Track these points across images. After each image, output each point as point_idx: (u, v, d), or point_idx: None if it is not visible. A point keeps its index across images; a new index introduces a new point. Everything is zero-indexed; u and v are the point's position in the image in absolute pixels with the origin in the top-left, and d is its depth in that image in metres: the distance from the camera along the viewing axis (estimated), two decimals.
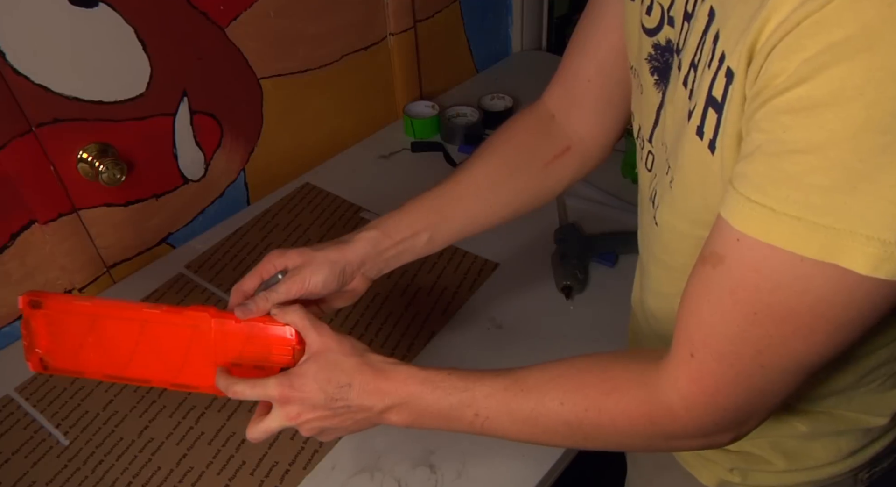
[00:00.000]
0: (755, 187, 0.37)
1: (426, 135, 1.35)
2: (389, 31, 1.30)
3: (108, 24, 0.91)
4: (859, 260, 0.34)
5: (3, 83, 0.84)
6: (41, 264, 0.98)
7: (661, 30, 0.51)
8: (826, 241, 0.35)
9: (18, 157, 0.89)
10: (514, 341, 0.94)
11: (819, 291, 0.37)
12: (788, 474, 0.62)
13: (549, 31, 1.66)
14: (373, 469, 0.79)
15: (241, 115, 1.13)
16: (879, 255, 0.34)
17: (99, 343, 0.64)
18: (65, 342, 0.64)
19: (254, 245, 1.12)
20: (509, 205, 0.69)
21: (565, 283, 0.98)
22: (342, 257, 0.65)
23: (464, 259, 1.06)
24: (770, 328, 0.40)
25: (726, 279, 0.41)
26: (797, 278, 0.37)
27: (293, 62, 1.17)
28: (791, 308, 0.38)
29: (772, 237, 0.37)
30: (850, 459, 0.61)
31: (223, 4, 1.02)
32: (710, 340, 0.43)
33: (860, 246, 0.34)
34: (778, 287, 0.38)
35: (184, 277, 1.07)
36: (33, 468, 0.82)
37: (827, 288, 0.36)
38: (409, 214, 0.67)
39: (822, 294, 0.37)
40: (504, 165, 0.69)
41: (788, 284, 0.37)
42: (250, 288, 0.66)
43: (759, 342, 0.40)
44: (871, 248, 0.34)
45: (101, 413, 0.88)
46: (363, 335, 0.95)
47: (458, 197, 0.68)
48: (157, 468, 0.81)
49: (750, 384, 0.43)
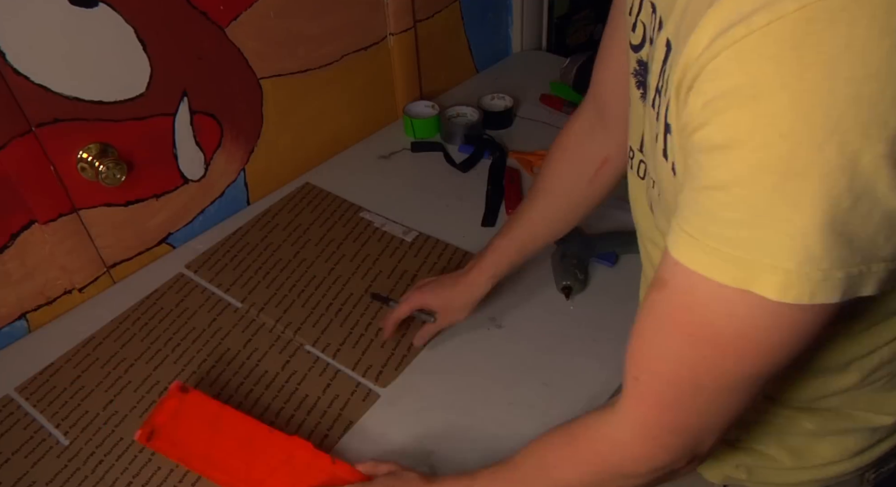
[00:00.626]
0: (684, 218, 0.40)
1: (426, 135, 1.35)
2: (389, 31, 1.30)
3: (108, 24, 0.90)
4: (768, 287, 0.37)
5: (3, 83, 0.84)
6: (41, 264, 0.98)
7: (643, 47, 0.52)
8: (739, 270, 0.37)
9: (18, 157, 0.88)
10: (514, 341, 0.94)
11: (742, 316, 0.39)
12: (795, 472, 0.62)
13: (549, 31, 1.66)
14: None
15: (241, 115, 1.13)
16: (783, 282, 0.36)
17: (207, 441, 0.77)
18: (178, 429, 0.78)
19: (254, 245, 1.12)
20: (569, 224, 0.84)
21: (565, 283, 0.98)
22: (473, 299, 0.88)
23: (464, 259, 1.06)
24: (704, 350, 0.42)
25: (667, 303, 0.43)
26: (722, 303, 0.39)
27: (293, 62, 1.17)
28: (720, 332, 0.41)
29: (697, 265, 0.39)
30: (857, 458, 0.61)
31: (223, 4, 1.02)
32: (653, 362, 0.46)
33: (767, 275, 0.37)
34: (708, 311, 0.41)
35: (184, 276, 1.07)
36: (33, 468, 0.82)
37: (748, 313, 0.39)
38: (503, 254, 0.85)
39: (745, 319, 0.39)
40: (555, 202, 0.82)
41: (716, 308, 0.40)
42: (401, 317, 0.89)
43: (696, 363, 0.43)
44: (776, 276, 0.36)
45: (100, 413, 0.88)
46: (363, 335, 0.95)
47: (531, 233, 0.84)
48: (157, 468, 0.81)
49: (691, 404, 0.45)
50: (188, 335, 0.97)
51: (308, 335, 0.95)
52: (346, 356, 0.92)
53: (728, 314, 0.40)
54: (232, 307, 1.01)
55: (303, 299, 1.01)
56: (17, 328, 0.99)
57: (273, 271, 1.06)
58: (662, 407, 0.47)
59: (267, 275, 1.05)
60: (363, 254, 1.08)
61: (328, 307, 0.99)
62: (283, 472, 0.75)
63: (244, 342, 0.96)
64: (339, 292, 1.02)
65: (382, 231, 1.12)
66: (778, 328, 0.39)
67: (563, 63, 1.45)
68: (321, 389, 0.88)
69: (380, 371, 0.90)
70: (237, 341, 0.96)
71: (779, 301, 0.37)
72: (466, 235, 1.10)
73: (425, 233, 1.11)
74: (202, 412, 0.80)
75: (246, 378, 0.90)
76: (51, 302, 1.01)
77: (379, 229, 1.13)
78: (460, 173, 1.25)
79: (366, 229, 1.13)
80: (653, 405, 0.47)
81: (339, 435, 0.83)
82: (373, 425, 0.84)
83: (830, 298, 0.36)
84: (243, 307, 1.01)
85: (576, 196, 0.80)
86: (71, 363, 0.94)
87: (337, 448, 0.82)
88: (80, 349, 0.96)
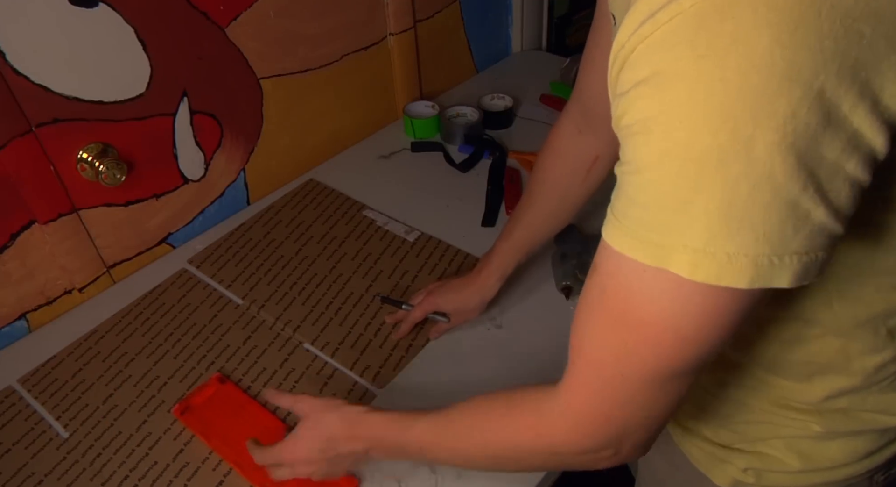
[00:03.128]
0: (612, 202, 0.42)
1: (426, 135, 1.35)
2: (389, 31, 1.30)
3: (108, 24, 0.91)
4: (680, 265, 0.38)
5: (3, 83, 0.84)
6: (41, 264, 0.98)
7: None
8: (655, 250, 0.39)
9: (18, 157, 0.89)
10: (514, 341, 0.94)
11: (659, 298, 0.40)
12: (803, 475, 0.61)
13: (549, 31, 1.66)
14: (373, 469, 0.79)
15: (241, 115, 1.13)
16: (692, 260, 0.38)
17: (228, 425, 0.84)
18: (207, 411, 0.86)
19: (256, 241, 1.12)
20: (565, 222, 0.88)
21: (565, 283, 0.98)
22: (484, 301, 0.91)
23: (465, 261, 1.06)
24: (625, 336, 0.43)
25: (596, 287, 0.45)
26: (643, 285, 0.41)
27: (293, 62, 1.17)
28: (641, 318, 0.42)
29: (620, 246, 0.41)
30: (867, 460, 0.61)
31: (223, 4, 1.02)
32: (583, 347, 0.47)
33: (678, 254, 0.38)
34: (630, 295, 0.42)
35: (187, 272, 1.07)
36: (33, 459, 0.83)
37: (664, 295, 0.40)
38: (509, 256, 0.89)
39: (662, 302, 0.40)
40: (551, 202, 0.86)
41: (637, 291, 0.41)
42: (417, 321, 0.93)
43: (618, 350, 0.44)
44: (685, 254, 0.38)
45: (100, 407, 0.88)
46: (363, 334, 0.95)
47: (532, 233, 0.88)
48: (154, 462, 0.81)
49: (614, 393, 0.46)
50: (189, 330, 0.97)
51: (307, 334, 0.95)
52: (344, 355, 0.92)
53: (648, 300, 0.41)
54: (233, 304, 1.01)
55: (303, 297, 1.01)
56: (17, 328, 0.99)
57: (275, 269, 1.06)
58: (589, 395, 0.48)
59: (269, 272, 1.06)
60: (365, 253, 1.08)
61: (328, 306, 0.99)
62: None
63: (244, 338, 0.96)
64: (340, 291, 1.02)
65: (385, 230, 1.12)
66: (693, 313, 0.40)
67: (563, 63, 1.45)
68: (318, 388, 0.88)
69: (377, 372, 0.90)
70: (237, 337, 0.96)
71: (691, 280, 0.38)
72: (466, 235, 1.10)
73: (426, 233, 1.11)
74: (231, 400, 0.87)
75: (244, 375, 0.91)
76: (51, 302, 1.01)
77: (381, 227, 1.13)
78: (460, 173, 1.25)
79: (368, 227, 1.13)
80: (581, 391, 0.48)
81: None
82: None
83: (737, 282, 0.37)
84: (244, 303, 1.01)
85: (571, 195, 0.84)
86: (73, 356, 0.95)
87: None
88: (81, 342, 0.97)
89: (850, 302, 0.52)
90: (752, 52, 0.33)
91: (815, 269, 0.38)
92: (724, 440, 0.64)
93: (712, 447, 0.65)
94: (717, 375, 0.62)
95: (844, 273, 0.49)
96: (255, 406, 0.86)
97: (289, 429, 0.82)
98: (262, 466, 0.75)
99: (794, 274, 0.37)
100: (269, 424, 0.84)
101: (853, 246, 0.47)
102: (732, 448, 0.64)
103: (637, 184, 0.39)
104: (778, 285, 0.37)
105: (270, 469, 0.73)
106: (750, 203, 0.35)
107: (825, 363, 0.56)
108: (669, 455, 0.71)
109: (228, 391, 0.88)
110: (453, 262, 1.06)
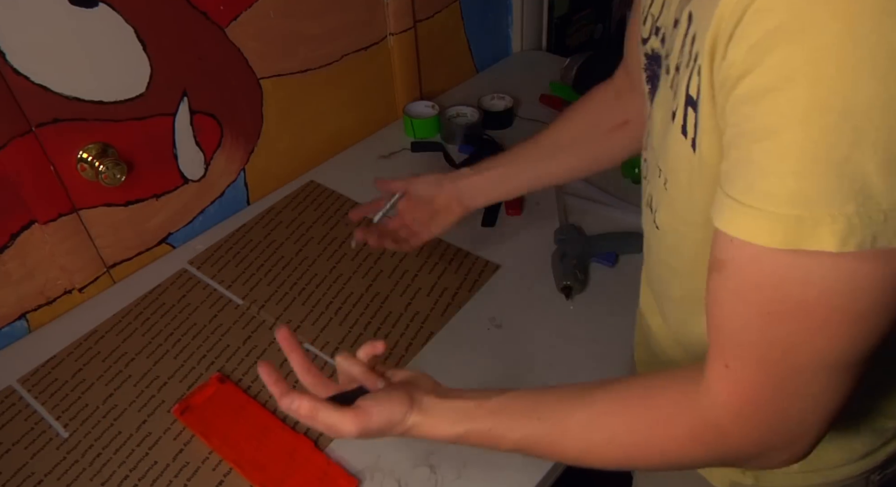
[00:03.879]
0: (729, 183, 0.38)
1: (426, 135, 1.35)
2: (389, 31, 1.30)
3: (108, 24, 0.91)
4: (827, 239, 0.34)
5: (3, 83, 0.84)
6: (41, 264, 0.98)
7: (649, 40, 0.51)
8: (793, 228, 0.35)
9: (18, 157, 0.89)
10: (514, 341, 0.94)
11: (819, 281, 0.36)
12: (801, 475, 0.61)
13: (549, 31, 1.66)
14: (373, 469, 0.79)
15: (241, 115, 1.13)
16: (843, 230, 0.34)
17: (228, 424, 0.84)
18: (208, 411, 0.86)
19: (257, 242, 1.12)
20: (574, 167, 0.82)
21: (565, 283, 0.98)
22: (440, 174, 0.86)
23: (465, 260, 1.06)
24: (788, 326, 0.39)
25: (731, 283, 0.40)
26: (793, 270, 0.37)
27: (293, 62, 1.17)
28: (799, 303, 0.38)
29: (755, 236, 0.37)
30: (864, 461, 0.61)
31: (223, 4, 1.02)
32: (738, 348, 0.42)
33: (825, 226, 0.34)
34: (780, 283, 0.38)
35: (186, 272, 1.07)
36: (33, 459, 0.83)
37: (823, 276, 0.36)
38: (497, 160, 0.84)
39: (820, 283, 0.36)
40: (570, 133, 0.81)
41: (787, 278, 0.37)
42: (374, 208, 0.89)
43: (782, 342, 0.40)
44: (835, 224, 0.34)
45: (100, 407, 0.88)
46: (362, 334, 0.95)
47: (534, 158, 0.83)
48: (154, 462, 0.81)
49: (787, 388, 0.42)
50: (189, 330, 0.97)
51: (307, 334, 0.95)
52: None
53: (803, 283, 0.37)
54: (233, 304, 1.01)
55: (303, 297, 1.01)
56: (17, 328, 0.99)
57: (275, 269, 1.06)
58: (758, 394, 0.43)
59: (269, 272, 1.06)
60: (364, 253, 1.08)
61: (328, 306, 0.99)
62: (283, 462, 0.80)
63: (244, 338, 0.96)
64: (340, 291, 1.02)
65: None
66: (857, 288, 0.36)
67: (563, 63, 1.45)
68: None
69: None
70: (237, 337, 0.96)
71: (842, 253, 0.34)
72: (466, 235, 1.10)
73: None
74: (231, 400, 0.87)
75: (245, 375, 0.91)
76: (51, 302, 1.01)
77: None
78: None
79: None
80: (749, 392, 0.43)
81: None
82: None
83: (894, 241, 0.34)
84: (244, 303, 1.01)
85: (588, 143, 0.80)
86: (73, 356, 0.95)
87: (333, 446, 0.82)
88: (81, 342, 0.97)
89: None
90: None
91: None
92: None
93: None
94: None
95: None
96: (255, 406, 0.86)
97: (289, 429, 0.82)
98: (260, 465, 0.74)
99: None
100: (269, 424, 0.84)
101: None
102: None
103: (771, 151, 0.35)
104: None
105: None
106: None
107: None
108: None
109: (228, 391, 0.88)
110: (453, 262, 1.06)
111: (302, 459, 0.80)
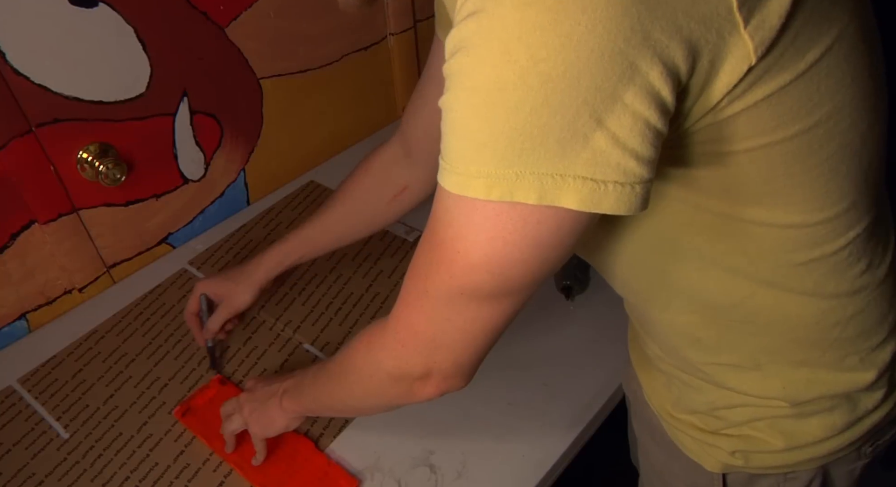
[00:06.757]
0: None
1: None
2: (389, 31, 1.30)
3: (108, 24, 0.91)
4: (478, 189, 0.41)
5: (3, 83, 0.84)
6: (41, 264, 0.98)
7: None
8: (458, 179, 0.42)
9: (18, 157, 0.89)
10: (513, 341, 0.93)
11: (454, 222, 0.44)
12: (789, 453, 0.62)
13: None
14: (373, 469, 0.79)
15: (241, 115, 1.13)
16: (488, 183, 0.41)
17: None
18: (208, 412, 0.86)
19: (257, 243, 1.12)
20: (359, 233, 0.92)
21: (565, 283, 0.98)
22: (259, 278, 0.91)
23: None
24: (429, 256, 0.48)
25: (429, 220, 0.48)
26: (445, 209, 0.44)
27: (293, 62, 1.17)
28: (441, 239, 0.45)
29: (441, 180, 0.44)
30: (847, 432, 0.61)
31: (223, 4, 1.02)
32: (411, 268, 0.51)
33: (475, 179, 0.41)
34: (436, 218, 0.46)
35: (186, 272, 1.07)
36: (33, 460, 0.83)
37: (462, 219, 0.43)
38: (290, 244, 0.91)
39: (456, 226, 0.44)
40: (353, 209, 0.90)
41: (440, 214, 0.45)
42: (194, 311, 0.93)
43: (422, 269, 0.49)
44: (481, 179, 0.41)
45: (101, 408, 0.88)
46: None
47: (323, 232, 0.92)
48: (155, 463, 0.81)
49: (421, 306, 0.50)
50: (189, 331, 0.97)
51: (307, 334, 0.95)
52: None
53: (447, 223, 0.44)
54: None
55: (303, 297, 1.01)
56: (17, 328, 0.99)
57: None
58: (404, 305, 0.53)
59: None
60: (365, 253, 1.08)
61: (328, 306, 0.99)
62: (284, 463, 0.79)
63: (244, 339, 0.96)
64: (340, 291, 1.02)
65: (385, 230, 1.12)
66: (476, 234, 0.43)
67: None
68: None
69: None
70: (237, 338, 0.96)
71: (486, 200, 0.41)
72: None
73: None
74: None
75: (245, 376, 0.90)
76: (51, 302, 1.01)
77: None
78: None
79: None
80: (402, 305, 0.53)
81: (335, 434, 0.83)
82: (370, 424, 0.84)
83: (526, 197, 0.40)
84: None
85: (374, 211, 0.89)
86: (73, 356, 0.95)
87: (333, 446, 0.82)
88: (81, 342, 0.97)
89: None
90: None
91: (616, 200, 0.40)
92: (711, 426, 0.65)
93: (702, 434, 0.66)
94: (685, 368, 0.63)
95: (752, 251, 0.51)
96: None
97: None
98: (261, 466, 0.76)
99: (578, 195, 0.39)
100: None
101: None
102: (720, 433, 0.65)
103: (446, 122, 0.42)
104: (565, 205, 0.40)
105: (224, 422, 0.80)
106: (529, 127, 0.38)
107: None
108: (665, 446, 0.72)
109: (230, 393, 0.88)
110: None
111: (302, 459, 0.80)
